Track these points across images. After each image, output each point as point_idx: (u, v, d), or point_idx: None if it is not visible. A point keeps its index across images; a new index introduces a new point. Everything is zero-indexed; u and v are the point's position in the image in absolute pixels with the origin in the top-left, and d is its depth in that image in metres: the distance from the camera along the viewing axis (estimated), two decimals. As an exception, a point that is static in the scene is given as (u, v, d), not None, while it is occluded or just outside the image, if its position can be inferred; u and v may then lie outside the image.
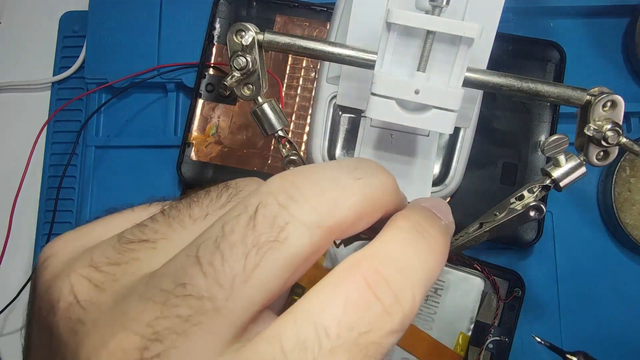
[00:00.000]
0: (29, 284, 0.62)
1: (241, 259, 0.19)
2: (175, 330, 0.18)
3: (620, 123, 0.36)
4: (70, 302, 0.20)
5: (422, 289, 0.22)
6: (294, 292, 0.59)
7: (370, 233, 0.25)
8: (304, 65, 0.62)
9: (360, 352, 0.19)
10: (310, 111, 0.61)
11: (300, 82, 0.62)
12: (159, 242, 0.21)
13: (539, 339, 0.52)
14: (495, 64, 0.42)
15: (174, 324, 0.18)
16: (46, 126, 0.66)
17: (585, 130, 0.36)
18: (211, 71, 0.63)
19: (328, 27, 0.60)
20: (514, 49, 0.61)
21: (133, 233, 0.22)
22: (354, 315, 0.20)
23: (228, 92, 0.37)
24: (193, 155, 0.62)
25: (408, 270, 0.22)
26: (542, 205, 0.37)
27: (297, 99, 0.62)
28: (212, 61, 0.63)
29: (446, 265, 0.58)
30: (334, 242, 0.51)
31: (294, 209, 0.20)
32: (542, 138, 0.60)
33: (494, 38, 0.39)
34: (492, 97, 0.60)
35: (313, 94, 0.61)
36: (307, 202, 0.20)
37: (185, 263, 0.19)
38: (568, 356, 0.50)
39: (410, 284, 0.21)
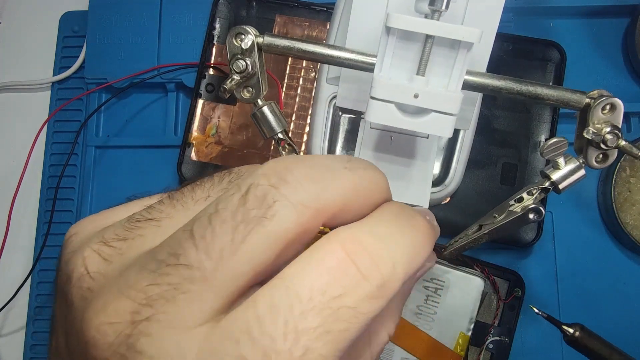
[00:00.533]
0: (29, 280, 0.63)
1: (230, 232, 0.20)
2: (165, 297, 0.20)
3: (620, 126, 0.36)
4: (82, 273, 0.22)
5: (404, 262, 0.22)
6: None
7: None
8: (303, 65, 0.62)
9: (332, 315, 0.20)
10: (310, 111, 0.61)
11: (300, 82, 0.62)
12: (163, 220, 0.23)
13: (536, 310, 0.53)
14: (495, 64, 0.42)
15: (164, 291, 0.20)
16: (46, 126, 0.66)
17: (584, 134, 0.36)
18: (211, 71, 0.63)
19: (328, 28, 0.60)
20: (514, 49, 0.61)
21: (141, 214, 0.23)
22: (328, 279, 0.20)
23: (228, 96, 0.38)
24: (193, 156, 0.62)
25: (389, 241, 0.22)
26: (541, 208, 0.37)
27: (297, 99, 0.62)
28: (212, 61, 0.63)
29: (446, 265, 0.58)
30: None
31: (284, 189, 0.21)
32: (542, 138, 0.60)
33: (493, 41, 0.39)
34: (492, 97, 0.60)
35: (313, 94, 0.61)
36: (297, 183, 0.21)
37: (181, 237, 0.21)
38: (564, 327, 0.50)
39: (390, 253, 0.22)
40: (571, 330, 0.50)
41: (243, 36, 0.36)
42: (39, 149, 0.67)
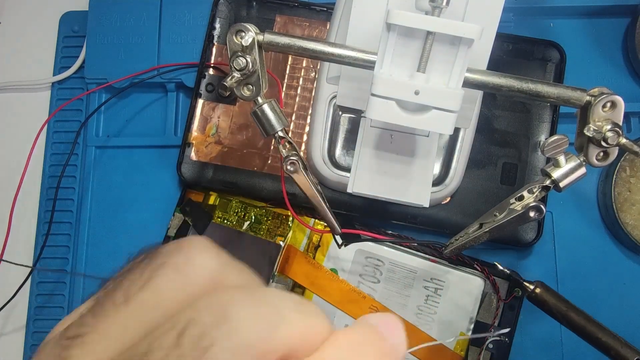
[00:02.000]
0: (29, 280, 0.63)
1: None
2: None
3: (620, 124, 0.36)
4: None
5: None
6: (294, 293, 0.59)
7: (372, 234, 0.26)
8: (304, 65, 0.62)
9: None
10: (310, 111, 0.61)
11: (300, 82, 0.62)
12: (87, 335, 0.21)
13: (500, 267, 0.54)
14: (495, 64, 0.42)
15: None
16: (46, 126, 0.66)
17: (585, 131, 0.36)
18: (211, 71, 0.63)
19: (328, 27, 0.60)
20: (514, 49, 0.61)
21: (71, 329, 0.21)
22: None
23: (228, 93, 0.38)
24: (193, 155, 0.62)
25: None
26: (541, 206, 0.37)
27: (297, 99, 0.62)
28: (212, 61, 0.63)
29: (446, 265, 0.58)
30: (336, 243, 0.51)
31: (224, 330, 0.19)
32: (542, 138, 0.60)
33: (493, 39, 0.39)
34: (492, 96, 0.60)
35: (313, 94, 0.61)
36: (240, 322, 0.19)
37: None
38: (525, 284, 0.52)
39: None
40: (531, 287, 0.52)
41: (243, 33, 0.36)
42: (39, 149, 0.66)
